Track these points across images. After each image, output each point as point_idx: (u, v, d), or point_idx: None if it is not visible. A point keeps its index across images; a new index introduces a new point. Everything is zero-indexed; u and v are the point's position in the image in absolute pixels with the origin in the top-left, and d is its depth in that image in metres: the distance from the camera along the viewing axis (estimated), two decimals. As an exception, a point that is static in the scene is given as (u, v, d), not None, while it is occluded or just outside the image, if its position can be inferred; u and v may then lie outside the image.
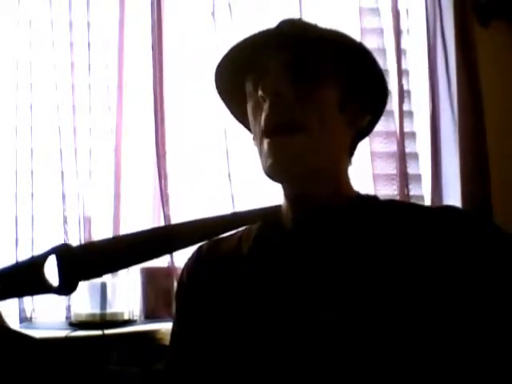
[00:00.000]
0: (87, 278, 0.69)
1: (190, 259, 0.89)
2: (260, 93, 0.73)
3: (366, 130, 0.85)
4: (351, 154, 0.84)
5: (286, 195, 0.80)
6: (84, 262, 0.67)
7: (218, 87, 0.83)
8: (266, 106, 0.73)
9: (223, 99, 0.85)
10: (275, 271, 0.76)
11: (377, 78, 0.80)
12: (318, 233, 0.76)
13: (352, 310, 0.67)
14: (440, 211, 0.75)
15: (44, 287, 0.64)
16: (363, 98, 0.79)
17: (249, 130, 0.83)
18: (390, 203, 0.81)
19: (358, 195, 0.82)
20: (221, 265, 0.83)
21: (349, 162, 0.83)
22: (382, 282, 0.68)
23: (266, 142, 0.74)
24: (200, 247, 0.88)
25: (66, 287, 0.64)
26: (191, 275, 0.87)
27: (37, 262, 0.65)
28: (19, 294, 0.70)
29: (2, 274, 0.67)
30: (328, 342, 0.67)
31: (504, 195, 1.67)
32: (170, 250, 0.82)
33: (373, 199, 0.81)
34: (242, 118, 0.84)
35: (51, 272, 0.64)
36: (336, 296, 0.69)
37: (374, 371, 0.65)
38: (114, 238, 0.84)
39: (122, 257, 0.73)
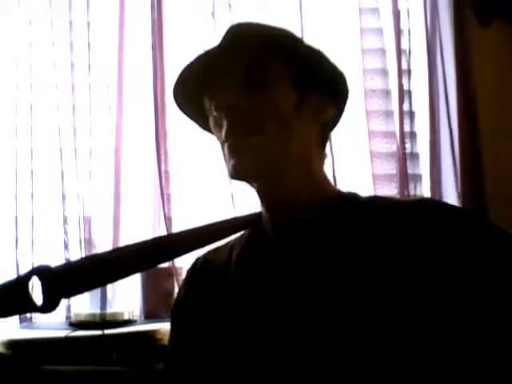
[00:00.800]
0: (68, 296, 0.73)
1: (186, 274, 0.90)
2: (214, 113, 0.76)
3: (333, 122, 0.84)
4: (322, 147, 0.82)
5: (260, 199, 0.80)
6: (64, 281, 0.69)
7: (178, 105, 0.85)
8: (224, 121, 0.75)
9: (186, 114, 0.87)
10: (260, 277, 0.77)
11: (330, 70, 0.80)
12: (297, 235, 0.76)
13: (341, 308, 0.67)
14: (415, 205, 0.74)
15: (29, 306, 0.67)
16: (322, 92, 0.79)
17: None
18: (370, 200, 0.80)
19: (338, 193, 0.81)
20: (214, 275, 0.83)
21: (321, 158, 0.81)
22: (366, 280, 0.68)
23: (225, 146, 0.76)
24: (196, 261, 0.89)
25: (49, 305, 0.67)
26: (187, 290, 0.88)
27: (21, 283, 0.68)
28: (4, 314, 0.72)
29: None
30: (321, 339, 0.68)
31: (500, 194, 1.67)
32: (153, 264, 0.84)
33: (352, 197, 0.80)
34: (206, 126, 0.84)
35: (33, 292, 0.67)
36: (323, 296, 0.69)
37: (367, 370, 0.65)
38: (93, 255, 0.87)
39: (101, 275, 0.74)
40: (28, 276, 0.67)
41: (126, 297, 1.51)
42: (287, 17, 1.70)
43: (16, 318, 1.53)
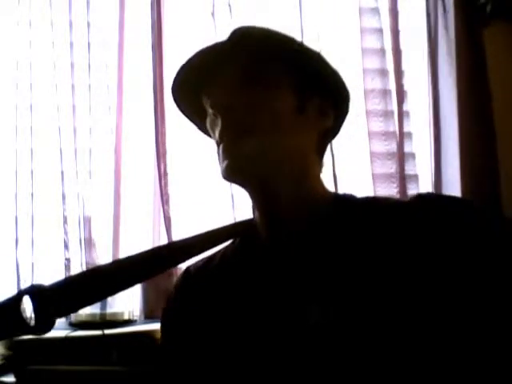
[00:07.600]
0: (62, 315, 0.69)
1: (177, 282, 0.87)
2: (211, 111, 0.74)
3: (334, 130, 0.83)
4: (321, 155, 0.81)
5: (254, 204, 0.79)
6: (56, 300, 0.66)
7: (178, 106, 0.83)
8: (218, 122, 0.74)
9: (186, 116, 0.86)
10: (254, 285, 0.75)
11: (332, 77, 0.78)
12: (293, 242, 0.74)
13: (336, 312, 0.66)
14: (413, 202, 0.73)
15: (22, 328, 0.64)
16: (322, 97, 0.77)
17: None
18: (367, 201, 0.79)
19: (334, 196, 0.79)
20: (207, 283, 0.81)
21: (319, 164, 0.80)
22: (363, 285, 0.67)
23: (220, 148, 0.74)
24: (187, 269, 0.87)
25: (43, 326, 0.64)
26: (179, 298, 0.85)
27: (12, 304, 0.65)
28: None
29: None
30: (317, 345, 0.66)
31: (504, 194, 1.67)
32: (145, 277, 0.80)
33: (349, 199, 0.79)
34: (204, 128, 0.83)
35: (27, 313, 0.65)
36: (320, 299, 0.68)
37: (365, 371, 0.64)
38: (84, 272, 0.84)
39: (95, 291, 0.72)
40: (19, 296, 0.64)
41: (125, 297, 1.51)
42: (287, 17, 1.70)
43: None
